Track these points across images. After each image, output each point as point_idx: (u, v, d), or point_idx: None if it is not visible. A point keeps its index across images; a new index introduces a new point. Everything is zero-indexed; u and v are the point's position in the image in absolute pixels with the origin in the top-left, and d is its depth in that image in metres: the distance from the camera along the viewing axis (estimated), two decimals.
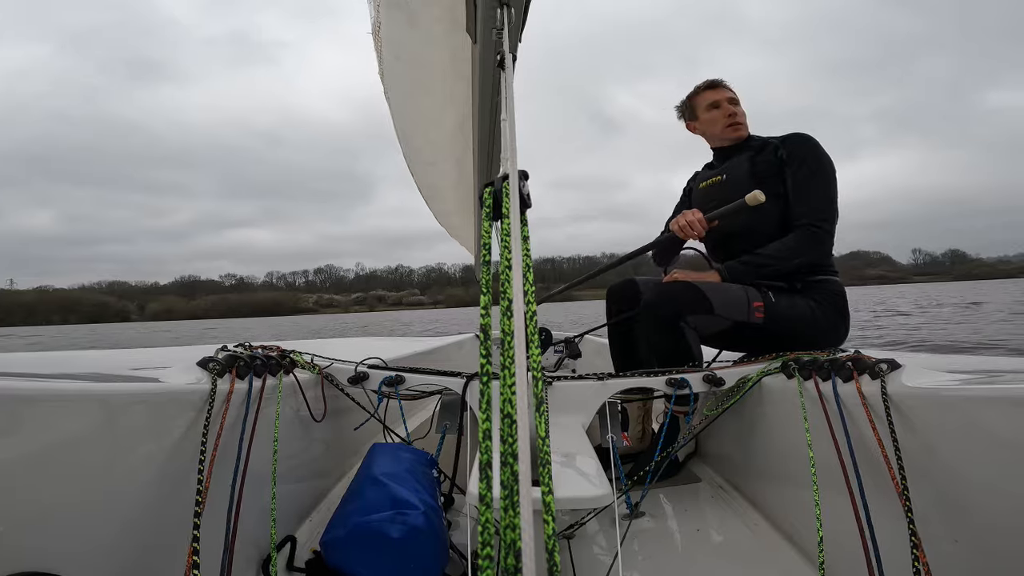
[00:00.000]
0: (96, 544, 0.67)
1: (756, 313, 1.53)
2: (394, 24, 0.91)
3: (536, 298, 0.37)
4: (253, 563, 0.98)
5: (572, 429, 1.14)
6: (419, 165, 1.42)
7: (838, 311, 1.61)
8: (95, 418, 0.68)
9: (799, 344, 1.43)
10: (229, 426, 0.88)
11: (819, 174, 1.61)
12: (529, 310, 0.34)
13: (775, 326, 1.55)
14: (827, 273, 1.65)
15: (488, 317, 0.32)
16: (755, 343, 1.62)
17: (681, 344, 1.48)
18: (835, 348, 1.36)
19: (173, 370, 0.95)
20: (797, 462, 1.03)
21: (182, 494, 0.77)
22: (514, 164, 0.41)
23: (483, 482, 0.30)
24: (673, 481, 1.54)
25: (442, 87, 1.02)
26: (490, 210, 0.39)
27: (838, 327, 1.62)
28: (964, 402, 0.73)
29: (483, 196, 0.40)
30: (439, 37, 0.88)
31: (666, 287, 1.57)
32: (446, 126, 1.16)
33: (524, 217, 0.41)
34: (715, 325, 1.54)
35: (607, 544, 1.15)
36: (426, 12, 0.85)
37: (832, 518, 0.84)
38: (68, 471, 0.64)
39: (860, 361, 0.96)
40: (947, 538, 0.73)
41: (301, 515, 1.23)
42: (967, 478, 0.72)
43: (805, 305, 1.58)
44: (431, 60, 0.95)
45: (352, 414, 1.38)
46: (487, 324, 0.32)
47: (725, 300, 1.52)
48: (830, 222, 1.59)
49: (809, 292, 1.61)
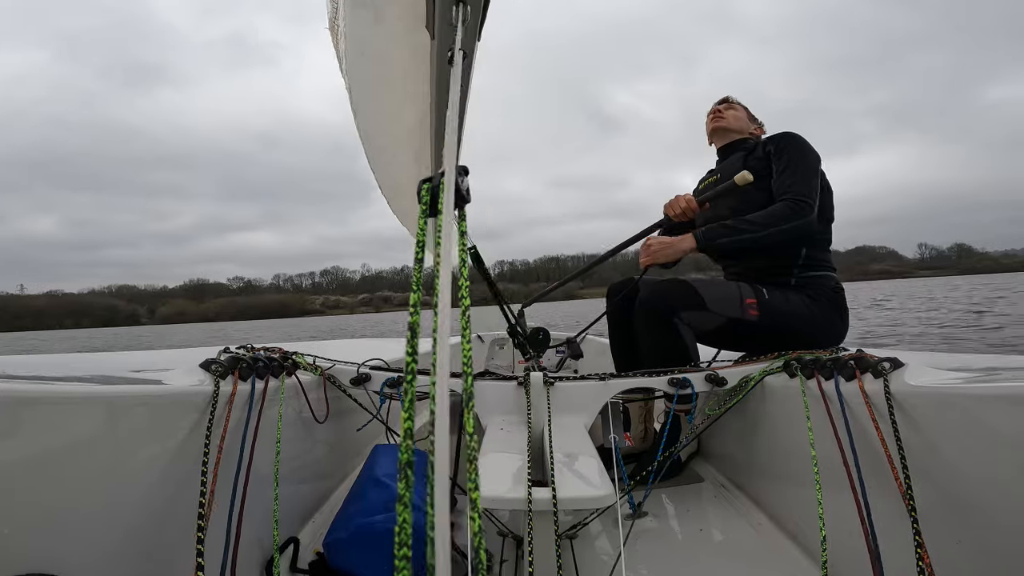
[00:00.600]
0: (99, 546, 0.67)
1: (750, 310, 1.53)
2: (359, 22, 0.92)
3: (524, 299, 0.37)
4: (256, 565, 0.98)
5: (574, 429, 1.14)
6: (380, 164, 1.42)
7: (835, 307, 1.61)
8: (98, 420, 0.68)
9: (798, 342, 1.42)
10: (232, 428, 0.88)
11: (802, 162, 1.62)
12: (463, 304, 0.35)
13: (771, 322, 1.54)
14: (823, 269, 1.64)
15: (417, 315, 0.33)
16: (753, 341, 1.61)
17: (676, 341, 1.49)
18: (837, 347, 1.36)
19: (176, 372, 0.95)
20: (800, 461, 1.03)
21: (185, 496, 0.77)
22: (452, 160, 0.41)
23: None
24: (676, 481, 1.54)
25: (403, 84, 1.03)
26: (426, 206, 0.40)
27: (836, 324, 1.61)
28: (967, 400, 0.73)
29: (420, 192, 0.40)
30: (402, 34, 0.89)
31: (659, 284, 1.58)
32: (406, 123, 1.17)
33: (463, 213, 0.42)
34: (710, 322, 1.55)
35: (610, 544, 1.15)
36: (390, 9, 0.87)
37: (835, 517, 0.84)
38: (71, 473, 0.64)
39: (863, 360, 0.95)
40: (951, 538, 0.72)
41: (304, 517, 1.23)
42: (971, 477, 0.72)
43: (800, 301, 1.58)
44: (394, 57, 0.96)
45: (354, 415, 1.38)
46: (415, 323, 0.32)
47: (717, 296, 1.52)
48: (811, 198, 1.55)
49: (804, 288, 1.61)
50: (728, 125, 1.88)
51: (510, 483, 0.87)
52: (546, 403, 1.16)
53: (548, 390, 1.20)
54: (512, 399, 1.23)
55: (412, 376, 0.29)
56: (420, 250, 0.36)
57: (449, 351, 0.31)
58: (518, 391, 1.24)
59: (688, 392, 1.25)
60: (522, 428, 1.12)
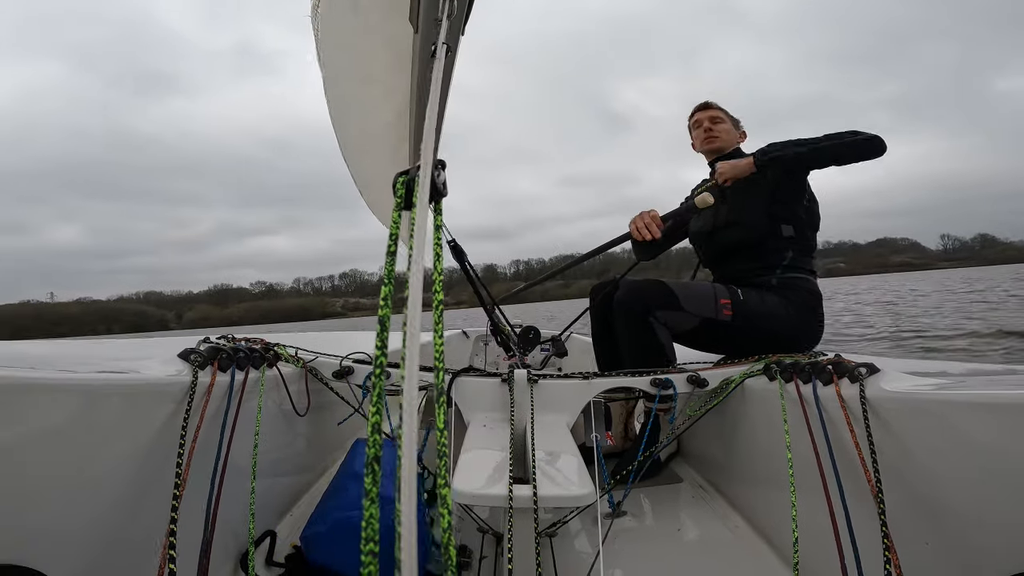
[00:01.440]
0: (71, 537, 0.66)
1: (724, 310, 1.56)
2: (336, 12, 0.91)
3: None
4: (231, 557, 0.97)
5: (557, 428, 1.14)
6: (353, 154, 1.41)
7: (810, 309, 1.65)
8: (71, 409, 0.66)
9: (775, 342, 1.46)
10: (209, 419, 0.87)
11: None
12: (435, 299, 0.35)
13: (744, 323, 1.57)
14: (803, 272, 1.69)
15: (388, 308, 0.33)
16: (728, 343, 1.65)
17: (652, 339, 1.51)
18: (816, 352, 1.38)
19: (154, 361, 0.94)
20: (776, 463, 1.05)
21: (160, 487, 0.76)
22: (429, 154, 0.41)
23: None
24: (655, 481, 1.55)
25: (381, 77, 1.02)
26: (401, 200, 0.39)
27: (811, 326, 1.65)
28: (939, 406, 0.75)
29: (395, 185, 0.40)
30: (380, 25, 0.88)
31: (636, 283, 1.61)
32: (382, 116, 1.16)
33: (439, 207, 0.41)
34: (686, 322, 1.57)
35: (589, 543, 1.16)
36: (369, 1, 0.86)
37: (808, 519, 0.85)
38: (43, 462, 0.63)
39: (840, 365, 0.97)
40: (918, 539, 0.74)
41: (282, 510, 1.22)
42: (940, 480, 0.73)
43: (777, 302, 1.61)
44: (372, 49, 0.95)
45: (336, 409, 1.37)
46: (386, 316, 0.32)
47: (691, 296, 1.56)
48: None
49: (783, 289, 1.64)
50: (721, 145, 1.91)
51: (491, 480, 0.87)
52: (529, 401, 1.16)
53: (532, 388, 1.20)
54: (496, 396, 1.23)
55: (380, 371, 0.29)
56: (393, 243, 0.36)
57: (420, 346, 0.31)
58: (502, 388, 1.24)
59: (670, 393, 1.26)
60: (505, 425, 1.12)
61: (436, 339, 0.33)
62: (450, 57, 0.71)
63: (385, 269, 0.33)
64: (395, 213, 0.37)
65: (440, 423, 0.30)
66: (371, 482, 0.22)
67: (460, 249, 1.64)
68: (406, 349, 0.28)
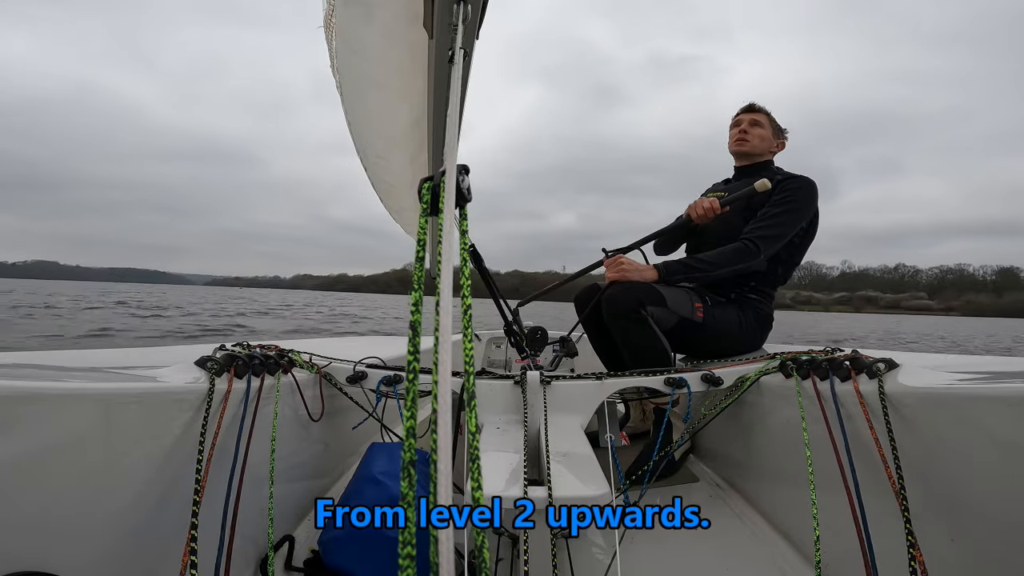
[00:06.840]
0: (93, 544, 0.67)
1: (697, 312, 1.73)
2: (351, 19, 0.92)
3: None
4: (251, 562, 0.98)
5: (571, 428, 1.14)
6: (371, 159, 1.42)
7: (760, 324, 1.85)
8: (92, 418, 0.67)
9: (728, 343, 1.76)
10: (227, 425, 0.87)
11: (787, 210, 1.75)
12: (464, 303, 0.35)
13: (711, 325, 1.75)
14: (762, 295, 1.87)
15: (419, 314, 0.33)
16: (693, 342, 1.80)
17: (648, 331, 1.58)
18: (833, 347, 1.37)
19: (171, 369, 0.95)
20: (794, 461, 1.03)
21: (180, 494, 0.77)
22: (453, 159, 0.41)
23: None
24: (671, 480, 1.54)
25: (398, 82, 1.03)
26: (427, 205, 0.40)
27: (756, 335, 1.85)
28: (961, 401, 0.74)
29: (421, 191, 0.40)
30: (397, 32, 0.88)
31: (626, 283, 1.68)
32: (401, 122, 1.17)
33: (464, 212, 0.42)
34: (668, 320, 1.67)
35: (605, 543, 1.15)
36: (383, 8, 0.86)
37: (829, 517, 0.84)
38: (65, 471, 0.63)
39: (858, 360, 0.96)
40: (943, 537, 0.73)
41: (299, 515, 1.23)
42: (964, 477, 0.72)
43: (733, 312, 1.81)
44: (388, 55, 0.96)
45: (350, 413, 1.38)
46: (416, 321, 0.32)
47: (674, 297, 1.68)
48: (767, 243, 1.73)
49: (739, 303, 1.83)
50: (752, 149, 1.94)
51: (506, 482, 0.87)
52: (542, 402, 1.16)
53: (545, 389, 1.20)
54: (509, 398, 1.23)
55: (414, 375, 0.29)
56: (421, 249, 0.36)
57: (449, 347, 0.31)
58: (515, 390, 1.24)
59: (684, 392, 1.25)
60: (518, 427, 1.12)
61: (466, 343, 0.33)
62: (467, 61, 0.72)
63: (415, 274, 0.34)
64: (421, 219, 0.38)
65: (472, 426, 0.30)
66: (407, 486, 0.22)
67: (478, 254, 1.66)
68: (438, 354, 0.28)
